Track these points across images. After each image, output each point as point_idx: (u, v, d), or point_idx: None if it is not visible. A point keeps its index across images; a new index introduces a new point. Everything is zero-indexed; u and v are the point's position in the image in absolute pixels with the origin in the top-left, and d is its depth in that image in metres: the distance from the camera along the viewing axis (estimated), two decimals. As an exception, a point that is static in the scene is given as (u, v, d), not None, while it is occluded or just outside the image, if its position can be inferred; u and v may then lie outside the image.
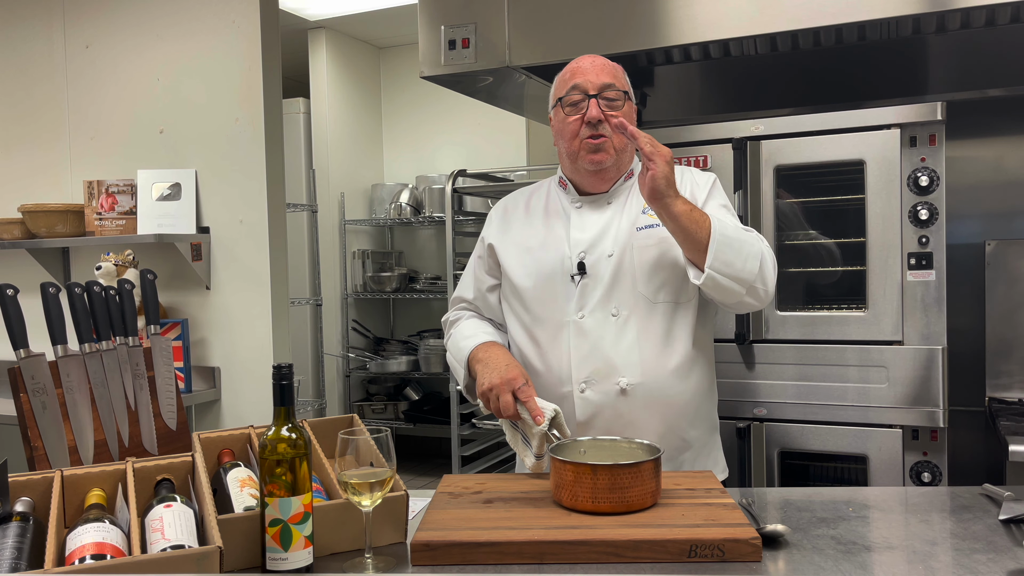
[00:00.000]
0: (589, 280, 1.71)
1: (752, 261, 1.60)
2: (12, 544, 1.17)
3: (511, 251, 1.81)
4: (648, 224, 1.71)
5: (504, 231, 1.84)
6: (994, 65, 2.69)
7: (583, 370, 1.69)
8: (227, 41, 3.24)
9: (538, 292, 1.75)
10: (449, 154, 5.49)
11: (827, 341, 2.39)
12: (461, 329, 1.85)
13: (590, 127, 1.69)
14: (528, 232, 1.81)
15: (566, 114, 1.73)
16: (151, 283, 1.73)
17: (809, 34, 2.20)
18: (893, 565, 1.22)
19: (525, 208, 1.86)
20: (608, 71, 1.72)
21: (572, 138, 1.72)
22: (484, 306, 1.88)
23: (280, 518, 1.20)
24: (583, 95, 1.70)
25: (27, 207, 3.34)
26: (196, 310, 3.34)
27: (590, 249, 1.72)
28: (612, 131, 1.68)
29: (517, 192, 1.94)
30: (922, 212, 2.30)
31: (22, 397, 1.53)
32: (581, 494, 1.35)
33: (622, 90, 1.72)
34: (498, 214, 1.89)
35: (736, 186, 2.46)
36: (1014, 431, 2.31)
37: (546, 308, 1.74)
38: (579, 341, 1.70)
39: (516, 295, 1.79)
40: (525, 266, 1.78)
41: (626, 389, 1.67)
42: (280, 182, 3.28)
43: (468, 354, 1.76)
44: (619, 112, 1.70)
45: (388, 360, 5.24)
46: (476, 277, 1.89)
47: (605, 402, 1.68)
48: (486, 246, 1.86)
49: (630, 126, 1.58)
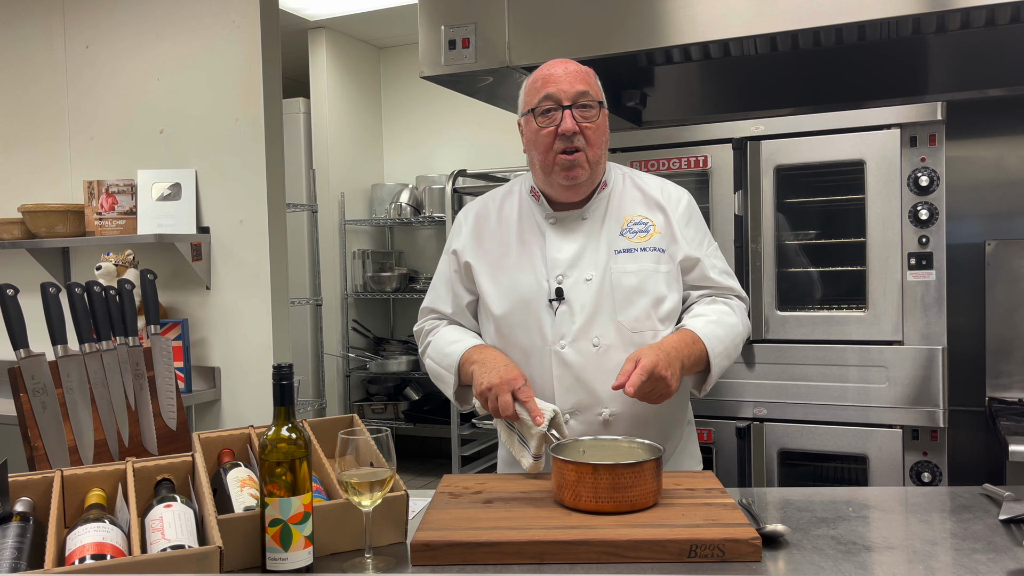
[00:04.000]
0: (567, 306, 1.67)
1: (738, 349, 1.74)
2: (12, 544, 1.17)
3: (485, 270, 1.75)
4: (627, 248, 1.69)
5: (477, 246, 1.77)
6: (994, 65, 2.69)
7: (567, 401, 1.67)
8: (227, 41, 3.24)
9: (515, 318, 1.70)
10: (449, 154, 5.49)
11: (827, 341, 2.39)
12: (444, 335, 1.79)
13: (564, 139, 1.64)
14: (501, 250, 1.75)
15: (539, 125, 1.66)
16: (151, 283, 1.73)
17: (809, 34, 2.20)
18: (893, 565, 1.22)
19: (497, 219, 1.79)
20: (581, 78, 1.66)
21: (546, 151, 1.67)
22: (464, 321, 1.82)
23: (280, 518, 1.20)
24: (556, 105, 1.64)
25: (27, 207, 3.34)
26: (196, 310, 3.34)
27: (568, 271, 1.68)
28: (586, 142, 1.65)
29: (487, 197, 1.85)
30: (922, 212, 2.30)
31: (22, 397, 1.53)
32: (583, 494, 1.35)
33: (596, 100, 1.67)
34: (468, 225, 1.81)
35: (736, 186, 2.46)
36: (1014, 431, 2.31)
37: (526, 335, 1.69)
38: (562, 372, 1.67)
39: (492, 320, 1.74)
40: (499, 288, 1.72)
41: (608, 420, 1.67)
42: (280, 182, 3.28)
43: (459, 357, 1.71)
44: (594, 123, 1.66)
45: (388, 360, 5.24)
46: (454, 292, 1.81)
47: (589, 431, 1.67)
48: (462, 263, 1.78)
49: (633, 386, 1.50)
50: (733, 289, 1.78)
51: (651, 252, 1.69)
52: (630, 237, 1.70)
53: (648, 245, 1.70)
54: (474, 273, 1.77)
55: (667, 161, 2.55)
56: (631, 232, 1.71)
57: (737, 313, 1.75)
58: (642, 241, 1.70)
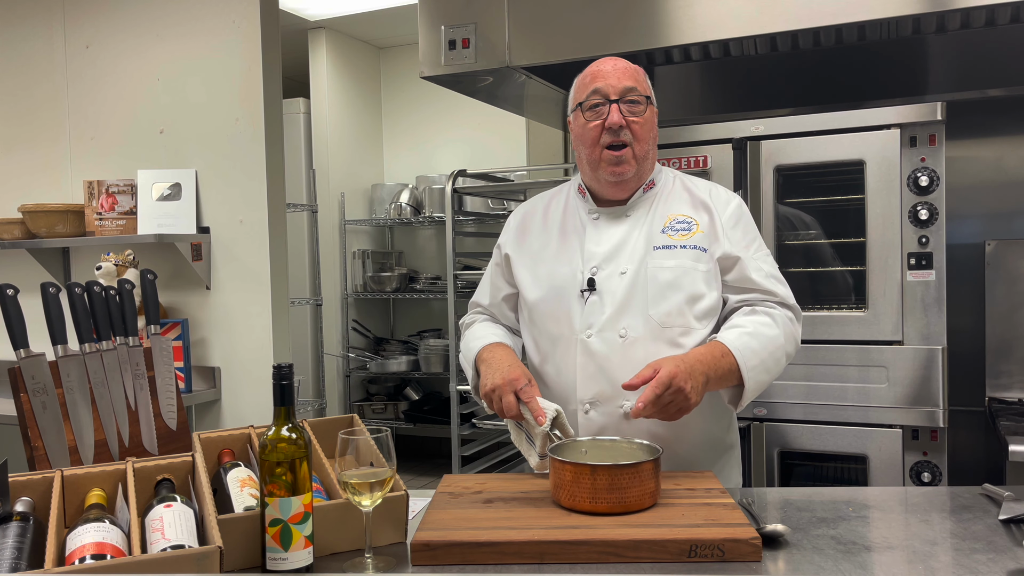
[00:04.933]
0: (598, 297, 1.67)
1: (778, 363, 1.64)
2: (12, 544, 1.17)
3: (525, 262, 1.78)
4: (666, 244, 1.68)
5: (520, 241, 1.81)
6: (994, 65, 2.69)
7: (588, 391, 1.66)
8: (227, 41, 3.24)
9: (547, 306, 1.72)
10: (449, 154, 5.49)
11: (827, 341, 2.39)
12: (474, 330, 1.84)
13: (611, 133, 1.65)
14: (543, 243, 1.78)
15: (586, 119, 1.68)
16: (151, 283, 1.73)
17: (809, 34, 2.20)
18: (893, 565, 1.22)
19: (543, 217, 1.82)
20: (630, 74, 1.68)
21: (593, 145, 1.68)
22: (500, 313, 1.87)
23: (280, 518, 1.20)
24: (604, 99, 1.65)
25: (27, 207, 3.34)
26: (196, 310, 3.34)
27: (603, 264, 1.69)
28: (633, 137, 1.65)
29: (537, 198, 1.89)
30: (922, 212, 2.30)
31: (22, 397, 1.53)
32: (580, 494, 1.35)
33: (644, 95, 1.68)
34: (516, 221, 1.85)
35: (736, 186, 2.46)
36: (1014, 431, 2.31)
37: (554, 323, 1.71)
38: (585, 360, 1.67)
39: (526, 307, 1.77)
40: (537, 278, 1.75)
41: (629, 413, 1.62)
42: (280, 182, 3.28)
43: (475, 355, 1.74)
44: (641, 117, 1.67)
45: (388, 360, 5.24)
46: (493, 284, 1.87)
47: (608, 424, 1.65)
48: (503, 255, 1.83)
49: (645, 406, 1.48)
50: (777, 295, 1.69)
51: (691, 250, 1.67)
52: (671, 235, 1.68)
53: (689, 243, 1.68)
54: (512, 264, 1.80)
55: (667, 161, 2.55)
56: (672, 230, 1.70)
57: (779, 324, 1.65)
58: (683, 239, 1.68)
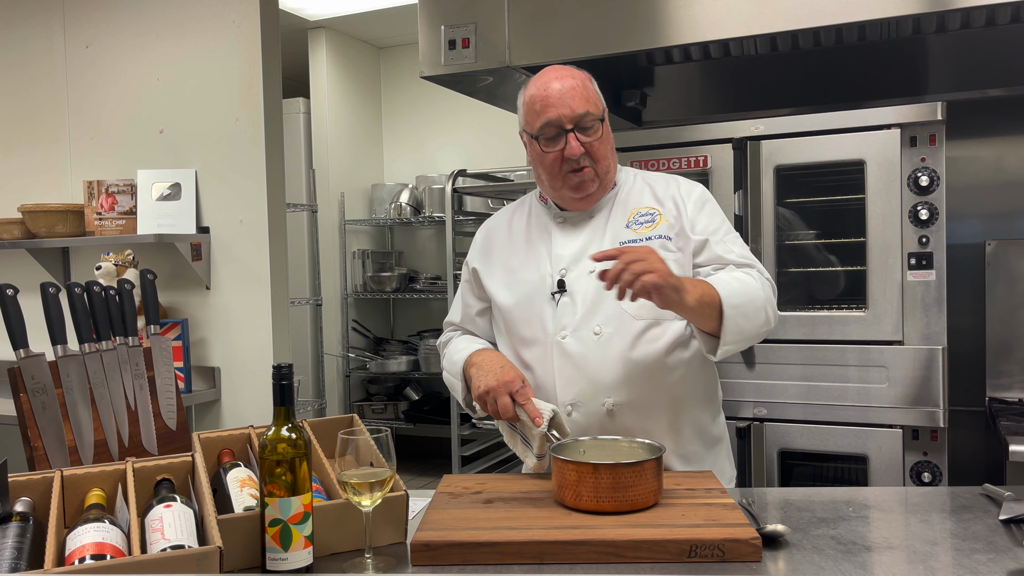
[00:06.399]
0: (569, 298, 1.67)
1: (759, 315, 1.60)
2: (12, 544, 1.17)
3: (494, 274, 1.78)
4: (632, 238, 1.68)
5: (487, 254, 1.81)
6: (994, 65, 2.69)
7: (568, 392, 1.65)
8: (227, 41, 3.24)
9: (520, 312, 1.71)
10: (449, 154, 5.49)
11: (827, 341, 2.39)
12: (454, 345, 1.83)
13: (571, 162, 1.64)
14: (510, 252, 1.78)
15: (544, 150, 1.66)
16: (151, 283, 1.73)
17: (809, 34, 2.20)
18: (893, 565, 1.22)
19: (508, 228, 1.83)
20: (579, 95, 1.63)
21: (554, 174, 1.67)
22: (474, 328, 1.86)
23: (280, 518, 1.20)
24: (559, 130, 1.63)
25: (27, 207, 3.34)
26: (196, 310, 3.34)
27: (571, 265, 1.69)
28: (593, 159, 1.65)
29: (499, 212, 1.90)
30: (922, 212, 2.30)
31: (22, 397, 1.53)
32: (584, 494, 1.35)
33: (598, 117, 1.66)
34: (481, 237, 1.86)
35: (736, 186, 2.46)
36: (1014, 431, 2.31)
37: (529, 328, 1.70)
38: (563, 362, 1.66)
39: (501, 316, 1.76)
40: (508, 287, 1.75)
41: (612, 410, 1.63)
42: (280, 182, 3.28)
43: (463, 365, 1.72)
44: (599, 138, 1.65)
45: (388, 360, 5.24)
46: (464, 301, 1.86)
47: (592, 423, 1.64)
48: (470, 270, 1.83)
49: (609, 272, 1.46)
50: (754, 265, 1.69)
51: (656, 240, 1.68)
52: (635, 228, 1.69)
53: (654, 234, 1.68)
54: (481, 277, 1.79)
55: (667, 161, 2.55)
56: (637, 224, 1.71)
57: (759, 283, 1.63)
58: (648, 231, 1.69)
